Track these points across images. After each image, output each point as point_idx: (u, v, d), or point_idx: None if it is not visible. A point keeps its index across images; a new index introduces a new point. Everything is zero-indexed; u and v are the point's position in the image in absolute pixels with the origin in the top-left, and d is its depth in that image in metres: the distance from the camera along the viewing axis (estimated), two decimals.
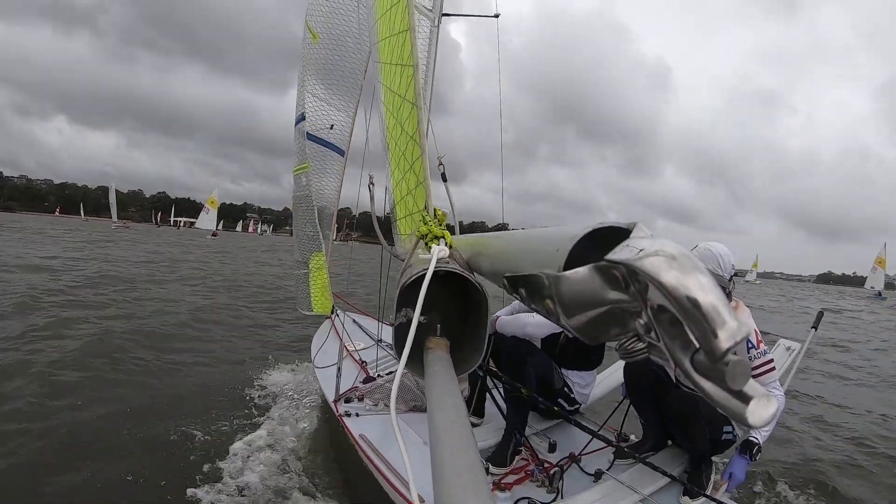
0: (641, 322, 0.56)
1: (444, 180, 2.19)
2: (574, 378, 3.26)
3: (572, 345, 3.18)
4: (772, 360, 2.72)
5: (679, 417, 2.77)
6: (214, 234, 59.69)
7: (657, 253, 0.52)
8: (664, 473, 2.60)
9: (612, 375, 3.84)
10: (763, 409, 0.49)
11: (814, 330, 3.64)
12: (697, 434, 2.73)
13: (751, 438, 2.69)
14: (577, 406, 3.27)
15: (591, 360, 3.34)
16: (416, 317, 0.98)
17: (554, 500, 2.60)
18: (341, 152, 4.35)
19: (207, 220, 62.40)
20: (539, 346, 3.18)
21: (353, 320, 4.89)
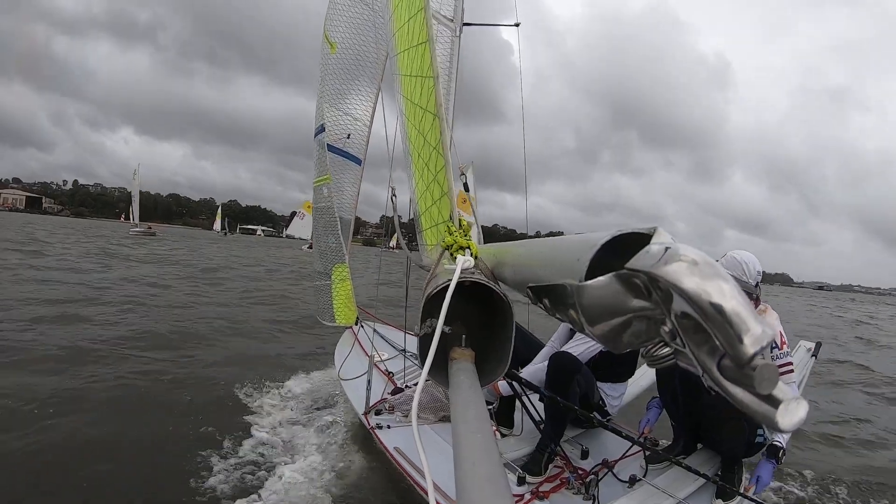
0: (666, 329, 0.56)
1: (466, 190, 2.20)
2: (607, 390, 3.27)
3: (605, 359, 3.19)
4: (791, 363, 2.82)
5: (721, 418, 2.80)
6: (311, 246, 51.35)
7: (678, 259, 0.51)
8: (699, 475, 2.60)
9: (636, 382, 3.83)
10: (793, 413, 0.48)
11: (814, 358, 3.66)
12: (738, 435, 2.78)
13: (775, 443, 2.77)
14: (609, 417, 3.27)
15: (623, 372, 3.35)
16: (440, 327, 0.99)
17: None
18: (358, 161, 4.40)
19: (302, 227, 53.29)
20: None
21: (375, 330, 4.90)
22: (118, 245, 28.89)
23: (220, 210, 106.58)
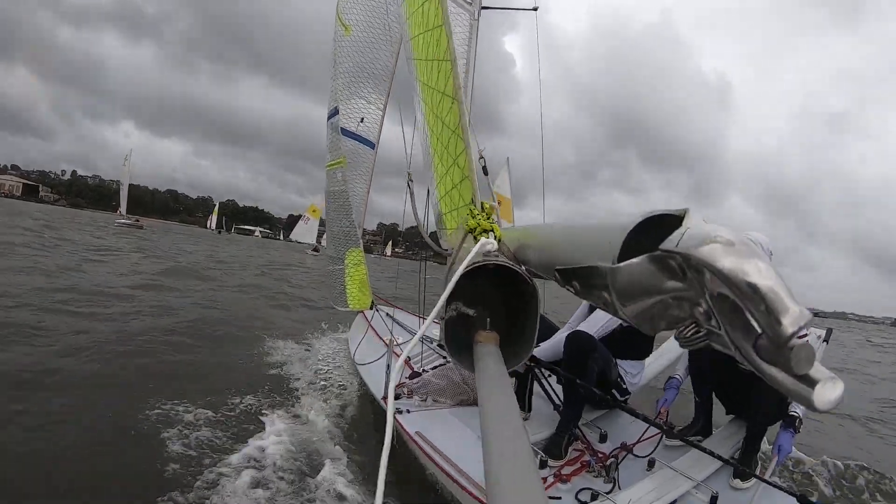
0: (701, 310, 0.56)
1: (486, 174, 2.20)
2: (627, 368, 3.27)
3: (624, 336, 3.19)
4: (807, 335, 2.84)
5: (766, 386, 2.87)
6: (316, 250, 47.59)
7: (714, 240, 0.51)
8: (718, 457, 2.61)
9: (655, 361, 3.83)
10: (830, 392, 0.48)
11: (825, 344, 3.65)
12: (782, 400, 2.85)
13: (792, 413, 2.85)
14: (627, 396, 3.28)
15: (642, 349, 3.34)
16: (443, 300, 0.99)
17: (612, 489, 2.63)
18: (372, 146, 4.38)
19: (306, 232, 50.17)
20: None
21: (387, 314, 4.91)
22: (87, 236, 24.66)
23: (216, 208, 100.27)
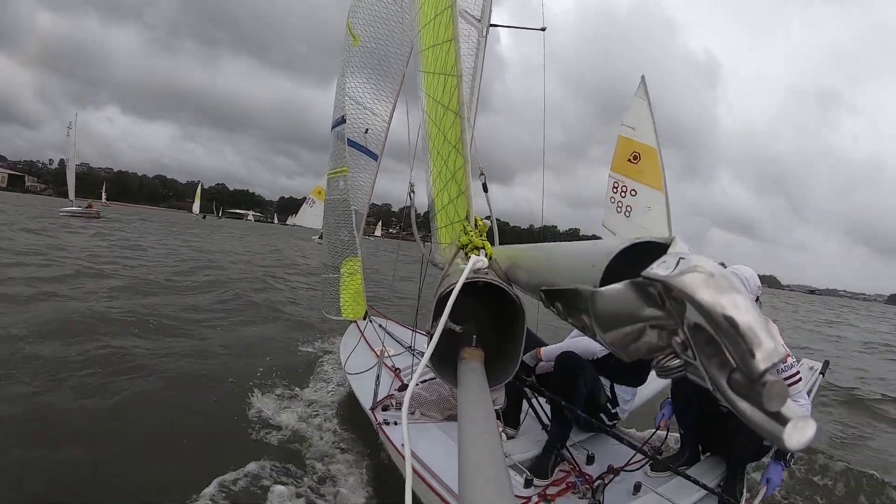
0: (678, 340, 0.56)
1: (486, 190, 2.20)
2: (620, 392, 3.26)
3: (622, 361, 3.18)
4: (798, 374, 2.83)
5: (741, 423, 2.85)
6: (323, 237, 41.22)
7: (694, 270, 0.51)
8: (702, 486, 2.60)
9: (648, 384, 3.81)
10: (801, 432, 0.48)
11: (822, 376, 3.62)
12: (754, 439, 2.79)
13: None
14: (615, 421, 3.27)
15: (638, 375, 3.33)
16: (443, 322, 0.99)
17: None
18: (374, 157, 4.38)
19: (312, 216, 43.32)
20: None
21: (380, 325, 4.89)
22: None
23: (199, 191, 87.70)
